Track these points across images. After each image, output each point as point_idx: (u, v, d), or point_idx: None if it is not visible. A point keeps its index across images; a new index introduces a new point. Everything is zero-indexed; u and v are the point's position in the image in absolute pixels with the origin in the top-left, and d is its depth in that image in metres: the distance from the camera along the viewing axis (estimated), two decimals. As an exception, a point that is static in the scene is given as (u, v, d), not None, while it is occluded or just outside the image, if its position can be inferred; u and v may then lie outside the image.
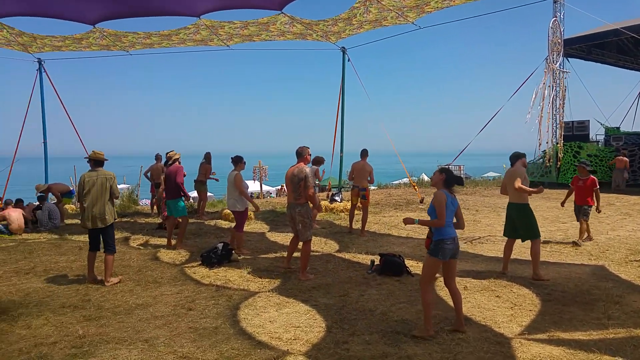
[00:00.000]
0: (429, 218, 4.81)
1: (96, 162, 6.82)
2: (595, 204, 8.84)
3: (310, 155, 7.17)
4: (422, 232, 9.86)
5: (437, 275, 5.03)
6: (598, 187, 8.79)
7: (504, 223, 10.91)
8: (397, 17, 12.05)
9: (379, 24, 12.70)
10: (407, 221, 4.84)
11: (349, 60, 16.08)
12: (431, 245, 4.70)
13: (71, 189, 13.95)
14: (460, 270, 7.08)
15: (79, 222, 7.05)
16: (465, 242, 9.23)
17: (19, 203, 11.94)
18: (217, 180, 13.02)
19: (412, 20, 12.19)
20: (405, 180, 22.48)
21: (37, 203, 12.15)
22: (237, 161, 8.57)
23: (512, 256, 7.11)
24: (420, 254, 8.21)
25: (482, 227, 10.88)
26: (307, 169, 6.81)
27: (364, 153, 10.20)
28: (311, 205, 6.87)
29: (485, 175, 34.62)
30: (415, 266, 7.31)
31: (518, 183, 6.65)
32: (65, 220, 12.07)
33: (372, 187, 20.67)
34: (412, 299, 5.76)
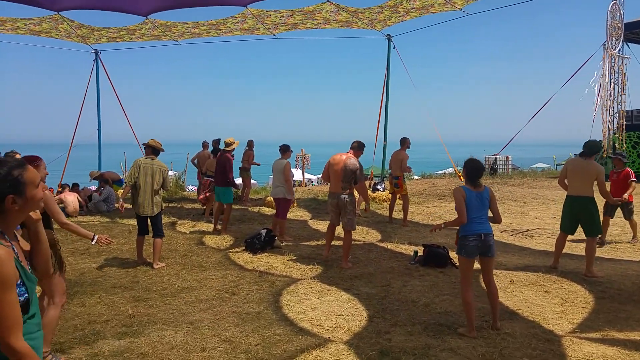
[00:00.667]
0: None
1: (154, 150, 6.98)
2: (628, 194, 7.89)
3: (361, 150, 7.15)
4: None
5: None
6: (634, 179, 8.07)
7: (553, 216, 10.62)
8: (445, 4, 11.73)
9: (426, 11, 12.39)
10: (435, 228, 4.70)
11: (394, 47, 15.81)
12: (458, 242, 4.56)
13: (121, 177, 14.48)
14: (506, 263, 6.89)
15: (130, 206, 7.27)
16: (512, 235, 8.96)
17: (74, 187, 12.53)
18: (258, 164, 13.33)
19: (460, 6, 11.82)
20: (450, 170, 22.01)
21: (94, 187, 12.72)
22: (285, 149, 8.69)
23: (563, 250, 6.82)
24: (465, 245, 8.03)
25: (530, 219, 10.54)
26: (356, 160, 6.81)
27: (401, 142, 10.13)
28: (358, 196, 6.89)
29: (534, 166, 33.45)
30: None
31: (606, 187, 6.38)
32: (116, 205, 12.55)
33: (416, 177, 20.37)
34: (455, 291, 5.64)
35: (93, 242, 4.18)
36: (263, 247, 7.69)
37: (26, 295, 1.74)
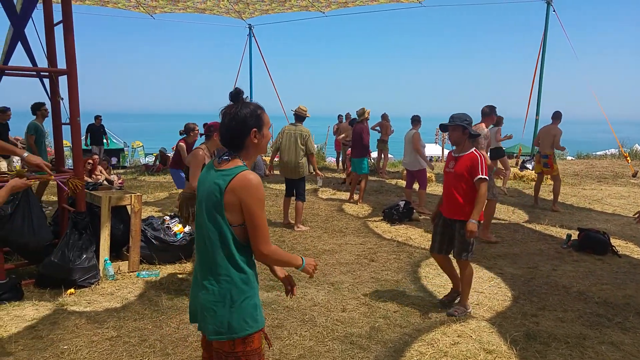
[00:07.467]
0: None
1: (297, 116, 7.33)
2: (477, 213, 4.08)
3: (495, 115, 6.75)
4: (632, 210, 8.56)
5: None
6: (483, 176, 4.04)
7: None
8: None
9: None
10: None
11: (554, 11, 14.30)
12: None
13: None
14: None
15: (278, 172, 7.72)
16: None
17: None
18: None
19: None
20: (612, 150, 19.62)
21: None
22: (416, 120, 8.86)
23: None
24: (631, 233, 7.19)
25: None
26: (484, 130, 6.47)
27: (554, 116, 9.02)
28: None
29: None
30: (623, 246, 6.44)
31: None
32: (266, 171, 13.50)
33: (569, 157, 18.53)
34: (618, 282, 5.11)
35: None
36: (401, 219, 7.71)
37: None
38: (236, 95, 2.04)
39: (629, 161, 14.16)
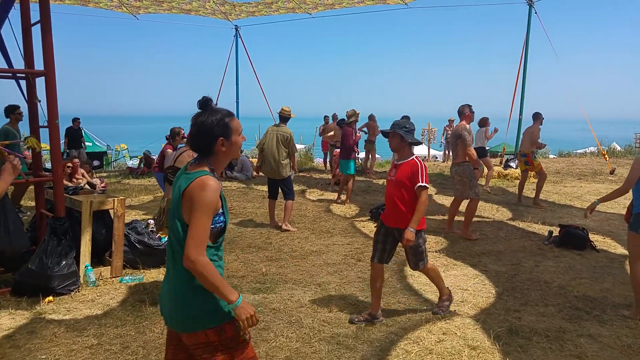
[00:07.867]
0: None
1: (281, 117, 7.35)
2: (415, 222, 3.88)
3: (472, 112, 6.90)
4: (610, 206, 8.69)
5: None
6: (423, 183, 3.88)
7: None
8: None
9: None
10: (590, 208, 4.54)
11: (535, 13, 14.48)
12: (631, 218, 4.14)
13: None
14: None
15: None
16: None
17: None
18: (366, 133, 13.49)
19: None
20: (591, 149, 19.97)
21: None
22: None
23: None
24: (608, 229, 7.34)
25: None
26: (467, 127, 6.67)
27: (534, 116, 9.26)
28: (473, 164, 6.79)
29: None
30: (601, 242, 6.57)
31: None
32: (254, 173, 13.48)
33: (552, 156, 18.82)
34: (596, 276, 5.22)
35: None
36: (387, 218, 7.75)
37: (225, 221, 2.06)
38: (204, 103, 2.05)
39: (607, 159, 14.41)
